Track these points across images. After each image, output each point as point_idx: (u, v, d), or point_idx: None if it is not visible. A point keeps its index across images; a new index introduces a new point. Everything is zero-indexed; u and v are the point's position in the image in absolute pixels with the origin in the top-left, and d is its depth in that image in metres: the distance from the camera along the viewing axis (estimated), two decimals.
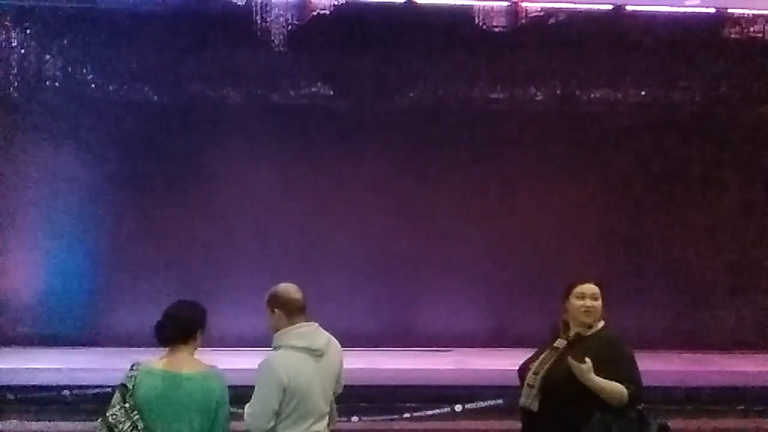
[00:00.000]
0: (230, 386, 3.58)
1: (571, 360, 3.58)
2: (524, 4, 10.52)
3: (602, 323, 3.83)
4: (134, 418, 3.35)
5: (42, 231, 10.29)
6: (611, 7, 10.74)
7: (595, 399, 3.55)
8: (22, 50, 10.35)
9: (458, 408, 7.46)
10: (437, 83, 10.85)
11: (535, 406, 3.67)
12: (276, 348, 3.71)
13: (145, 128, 10.40)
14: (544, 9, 10.56)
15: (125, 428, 3.33)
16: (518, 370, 3.88)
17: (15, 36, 10.29)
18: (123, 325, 9.71)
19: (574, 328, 3.81)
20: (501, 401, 7.20)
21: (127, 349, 7.74)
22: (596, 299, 3.80)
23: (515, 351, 4.55)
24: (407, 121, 10.71)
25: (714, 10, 10.79)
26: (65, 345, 9.71)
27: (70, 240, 10.27)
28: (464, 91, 10.91)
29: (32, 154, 10.32)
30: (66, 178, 10.34)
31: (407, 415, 7.34)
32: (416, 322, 10.55)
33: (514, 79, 10.93)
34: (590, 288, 3.82)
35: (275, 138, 10.51)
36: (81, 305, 10.15)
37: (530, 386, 3.71)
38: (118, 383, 3.44)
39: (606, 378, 3.57)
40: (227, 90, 10.62)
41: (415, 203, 10.63)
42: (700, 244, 10.90)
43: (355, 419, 7.02)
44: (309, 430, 3.66)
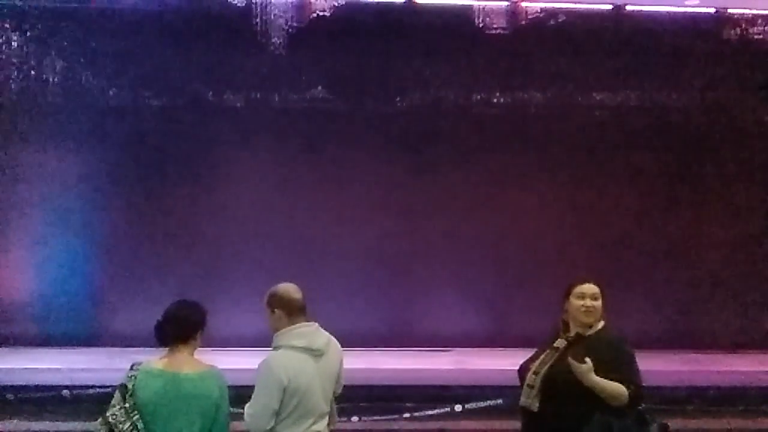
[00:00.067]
0: (230, 386, 3.58)
1: (572, 360, 3.58)
2: (524, 4, 10.53)
3: (602, 323, 3.83)
4: (134, 418, 3.35)
5: (42, 231, 10.30)
6: (611, 7, 10.75)
7: (596, 399, 3.55)
8: (22, 51, 10.35)
9: (458, 408, 7.47)
10: (437, 85, 10.84)
11: (536, 406, 3.67)
12: (276, 348, 3.71)
13: (146, 129, 10.41)
14: (544, 10, 10.56)
15: (125, 428, 3.33)
16: (518, 371, 3.88)
17: (15, 38, 10.30)
18: (123, 325, 9.71)
19: (574, 328, 3.81)
20: (501, 401, 7.22)
21: (127, 349, 7.75)
22: (596, 299, 3.80)
23: (515, 351, 4.55)
24: (407, 123, 10.71)
25: (714, 10, 10.80)
26: (65, 345, 9.71)
27: (70, 240, 10.28)
28: (464, 93, 10.90)
29: (32, 155, 10.32)
30: (66, 179, 10.35)
31: (407, 415, 7.34)
32: (416, 322, 10.55)
33: (514, 81, 10.92)
34: (590, 288, 3.81)
35: (275, 139, 10.53)
36: (81, 305, 10.15)
37: (530, 386, 3.70)
38: (118, 383, 3.44)
39: (606, 378, 3.56)
40: (227, 92, 10.63)
41: (415, 204, 10.64)
42: (700, 244, 10.91)
43: (355, 419, 7.02)
44: (309, 430, 3.66)
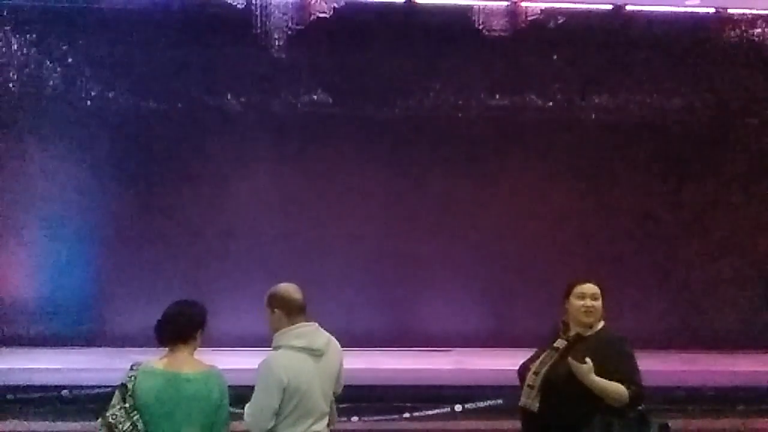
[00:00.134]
0: (230, 386, 3.58)
1: (572, 360, 3.58)
2: (524, 4, 10.52)
3: (602, 323, 3.82)
4: (134, 418, 3.34)
5: (42, 231, 10.28)
6: (611, 7, 10.74)
7: (596, 399, 3.55)
8: (21, 53, 10.36)
9: (458, 408, 7.47)
10: (438, 87, 10.82)
11: (536, 407, 3.66)
12: (276, 348, 3.71)
13: (146, 131, 10.41)
14: (544, 11, 10.55)
15: (125, 428, 3.33)
16: (518, 371, 3.87)
17: (15, 41, 10.30)
18: (123, 325, 9.71)
19: (575, 329, 3.81)
20: (501, 401, 7.21)
21: (127, 349, 7.75)
22: (596, 299, 3.79)
23: (515, 351, 4.54)
24: (407, 124, 10.71)
25: (714, 10, 10.79)
26: (65, 345, 9.71)
27: (70, 240, 10.27)
28: (464, 95, 10.88)
29: (32, 155, 10.32)
30: (66, 179, 10.34)
31: (407, 415, 7.34)
32: (416, 322, 10.55)
33: (514, 83, 10.91)
34: (590, 288, 3.81)
35: (275, 141, 10.53)
36: (81, 305, 10.14)
37: (530, 386, 3.70)
38: (118, 383, 3.43)
39: (606, 378, 3.56)
40: (227, 93, 10.62)
41: (415, 204, 10.64)
42: (700, 245, 10.91)
43: (355, 419, 7.01)
44: (309, 430, 3.65)
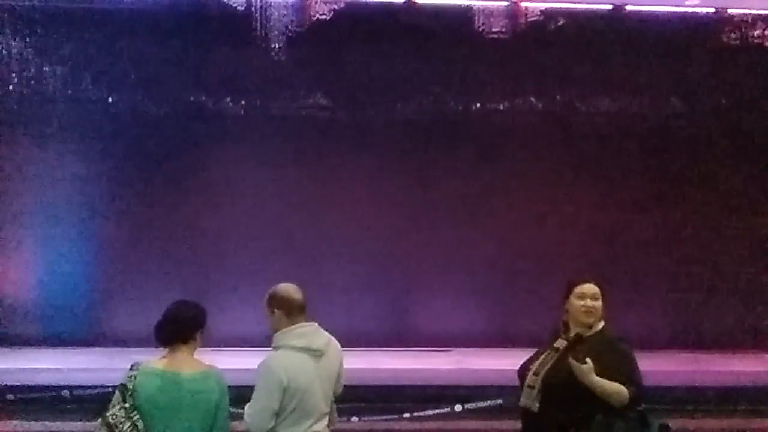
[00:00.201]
0: (230, 386, 3.57)
1: (572, 361, 3.56)
2: (524, 4, 10.51)
3: (602, 323, 3.81)
4: (134, 418, 3.34)
5: (42, 232, 10.30)
6: (611, 7, 10.74)
7: (596, 400, 3.54)
8: (22, 55, 10.38)
9: (458, 408, 7.47)
10: (438, 89, 10.86)
11: (536, 407, 3.65)
12: (276, 348, 3.70)
13: (146, 132, 10.46)
14: (544, 12, 10.55)
15: (125, 428, 3.32)
16: (518, 371, 3.86)
17: (14, 44, 10.31)
18: (123, 325, 9.73)
19: (575, 329, 3.79)
20: (501, 401, 7.22)
21: (127, 349, 7.76)
22: (597, 299, 3.78)
23: (515, 351, 4.55)
24: (407, 125, 10.74)
25: (713, 10, 10.79)
26: (65, 345, 9.72)
27: (71, 241, 10.29)
28: (465, 97, 10.93)
29: (32, 156, 10.34)
30: (66, 180, 10.37)
31: (407, 415, 7.35)
32: (416, 322, 10.56)
33: (515, 85, 10.94)
34: (591, 288, 3.79)
35: (275, 142, 10.55)
36: (81, 305, 10.16)
37: (531, 387, 3.69)
38: (118, 383, 3.43)
39: (607, 378, 3.55)
40: (227, 94, 10.65)
41: (415, 205, 10.66)
42: (701, 245, 10.90)
43: (355, 419, 7.02)
44: (309, 430, 3.65)
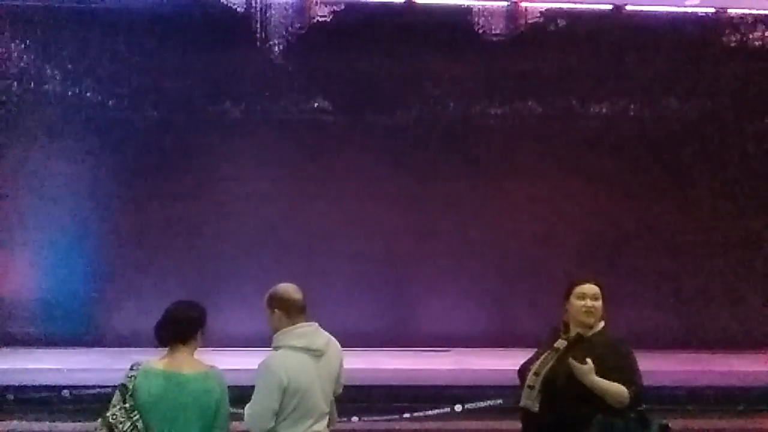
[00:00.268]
0: (230, 386, 3.57)
1: (573, 361, 3.56)
2: (524, 5, 10.51)
3: (603, 324, 3.81)
4: (134, 419, 3.34)
5: (42, 232, 10.29)
6: (611, 7, 10.74)
7: (596, 400, 3.54)
8: (22, 58, 10.38)
9: (458, 408, 7.47)
10: (438, 91, 10.86)
11: (536, 407, 3.65)
12: (276, 348, 3.70)
13: (146, 133, 10.49)
14: (544, 13, 10.55)
15: (125, 428, 3.33)
16: (518, 371, 3.86)
17: (15, 47, 10.32)
18: (123, 325, 9.73)
19: (575, 329, 3.79)
20: (501, 401, 7.22)
21: (127, 349, 7.76)
22: (597, 299, 3.78)
23: (515, 351, 4.55)
24: (408, 127, 10.75)
25: (713, 10, 10.79)
26: (65, 345, 9.72)
27: (71, 241, 10.28)
28: (465, 98, 10.92)
29: (31, 157, 10.34)
30: (67, 180, 10.37)
31: (407, 415, 7.34)
32: (416, 322, 10.56)
33: (515, 85, 10.93)
34: (591, 288, 3.79)
35: (275, 143, 10.56)
36: (81, 305, 10.16)
37: (531, 387, 3.68)
38: (118, 383, 3.43)
39: (607, 379, 3.55)
40: (227, 96, 10.65)
41: (415, 205, 10.66)
42: (701, 245, 10.91)
43: (355, 419, 7.02)
44: (309, 431, 3.65)
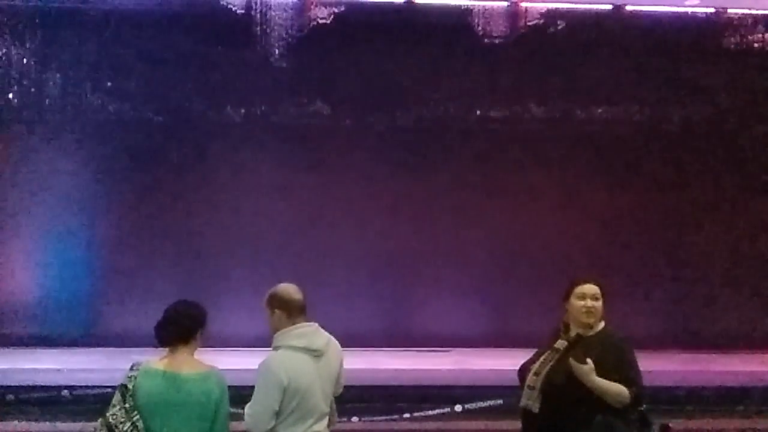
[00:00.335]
0: (230, 386, 3.57)
1: (573, 361, 3.56)
2: (524, 5, 10.51)
3: (603, 324, 3.81)
4: (134, 419, 3.34)
5: (42, 232, 10.30)
6: (611, 7, 10.74)
7: (597, 400, 3.53)
8: (21, 58, 10.40)
9: (458, 408, 7.46)
10: (438, 93, 10.87)
11: (536, 408, 3.64)
12: (276, 348, 3.70)
13: (146, 136, 10.49)
14: (544, 15, 10.55)
15: (125, 428, 3.32)
16: (518, 372, 3.85)
17: (14, 51, 10.34)
18: (123, 325, 9.72)
19: (575, 329, 3.79)
20: (501, 401, 7.21)
21: (127, 349, 7.75)
22: (597, 299, 3.77)
23: (515, 351, 4.54)
24: (408, 129, 10.77)
25: (713, 10, 10.79)
26: (65, 345, 9.71)
27: (71, 241, 10.29)
28: (465, 99, 10.93)
29: (32, 156, 10.35)
30: (67, 180, 10.38)
31: (407, 415, 7.34)
32: (416, 322, 10.55)
33: (515, 86, 10.94)
34: (591, 288, 3.78)
35: (275, 144, 10.56)
36: (81, 305, 10.16)
37: (531, 387, 3.68)
38: (118, 383, 3.43)
39: (607, 379, 3.55)
40: (227, 97, 10.66)
41: (415, 206, 10.67)
42: (701, 246, 10.92)
43: (355, 419, 7.01)
44: (309, 431, 3.65)
